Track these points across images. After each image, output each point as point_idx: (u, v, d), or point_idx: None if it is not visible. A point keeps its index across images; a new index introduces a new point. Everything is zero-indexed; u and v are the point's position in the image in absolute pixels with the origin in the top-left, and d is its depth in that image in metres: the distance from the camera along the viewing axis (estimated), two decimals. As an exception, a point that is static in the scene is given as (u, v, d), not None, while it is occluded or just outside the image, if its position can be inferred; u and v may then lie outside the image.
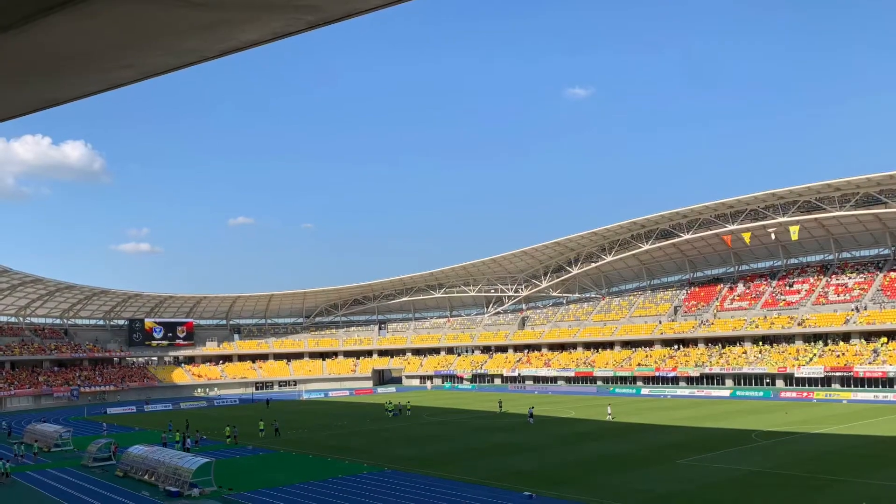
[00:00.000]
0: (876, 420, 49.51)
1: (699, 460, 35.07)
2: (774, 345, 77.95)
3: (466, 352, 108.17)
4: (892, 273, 77.16)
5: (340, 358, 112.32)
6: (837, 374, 68.16)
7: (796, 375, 70.71)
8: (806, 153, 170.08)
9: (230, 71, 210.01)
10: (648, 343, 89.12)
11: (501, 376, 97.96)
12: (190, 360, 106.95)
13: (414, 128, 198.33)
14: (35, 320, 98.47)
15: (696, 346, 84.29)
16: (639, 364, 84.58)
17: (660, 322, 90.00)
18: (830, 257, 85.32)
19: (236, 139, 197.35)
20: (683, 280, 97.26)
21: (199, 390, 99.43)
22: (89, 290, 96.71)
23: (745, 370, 74.96)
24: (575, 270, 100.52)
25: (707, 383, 77.64)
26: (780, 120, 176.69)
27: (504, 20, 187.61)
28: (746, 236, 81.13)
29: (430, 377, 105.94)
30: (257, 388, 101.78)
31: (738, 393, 73.02)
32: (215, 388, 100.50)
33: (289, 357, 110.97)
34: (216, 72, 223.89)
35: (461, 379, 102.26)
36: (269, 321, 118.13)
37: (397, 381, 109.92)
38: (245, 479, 33.73)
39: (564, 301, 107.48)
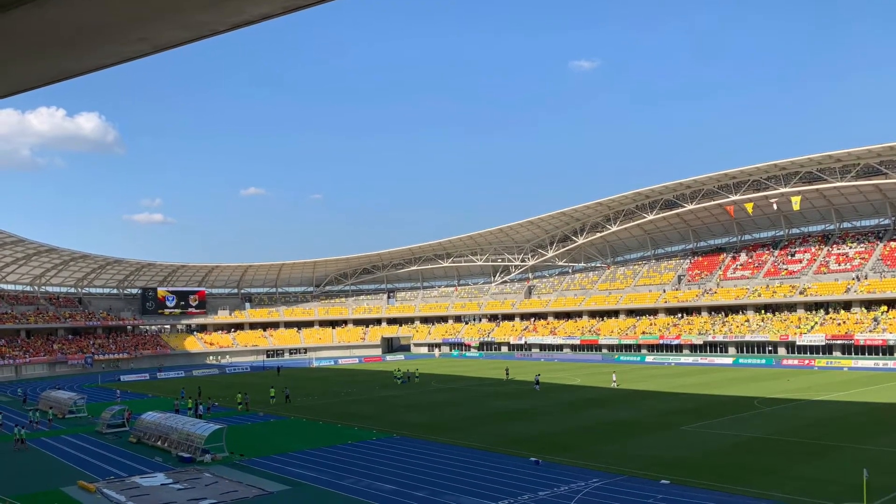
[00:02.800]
0: (876, 387, 49.97)
1: (702, 426, 35.54)
2: (776, 313, 78.21)
3: (474, 320, 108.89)
4: (892, 243, 77.10)
5: (350, 326, 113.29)
6: (838, 341, 68.53)
7: (798, 343, 71.14)
8: (807, 125, 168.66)
9: (241, 44, 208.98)
10: (653, 311, 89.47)
11: (508, 344, 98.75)
12: (202, 329, 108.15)
13: (422, 100, 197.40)
14: (50, 289, 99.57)
15: (700, 314, 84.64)
16: (643, 332, 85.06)
17: (664, 291, 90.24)
18: (831, 227, 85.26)
19: (247, 111, 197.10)
20: (687, 250, 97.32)
21: (210, 358, 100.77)
22: (103, 260, 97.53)
23: (748, 338, 75.35)
24: (581, 240, 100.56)
25: (710, 351, 78.14)
26: (781, 92, 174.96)
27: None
28: (749, 206, 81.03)
29: (438, 345, 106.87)
30: (268, 356, 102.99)
31: (741, 360, 73.54)
32: (227, 356, 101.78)
33: (299, 325, 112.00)
34: (228, 45, 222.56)
35: (469, 347, 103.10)
36: (279, 290, 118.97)
37: (406, 348, 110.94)
38: (256, 445, 34.31)
39: (570, 270, 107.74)
